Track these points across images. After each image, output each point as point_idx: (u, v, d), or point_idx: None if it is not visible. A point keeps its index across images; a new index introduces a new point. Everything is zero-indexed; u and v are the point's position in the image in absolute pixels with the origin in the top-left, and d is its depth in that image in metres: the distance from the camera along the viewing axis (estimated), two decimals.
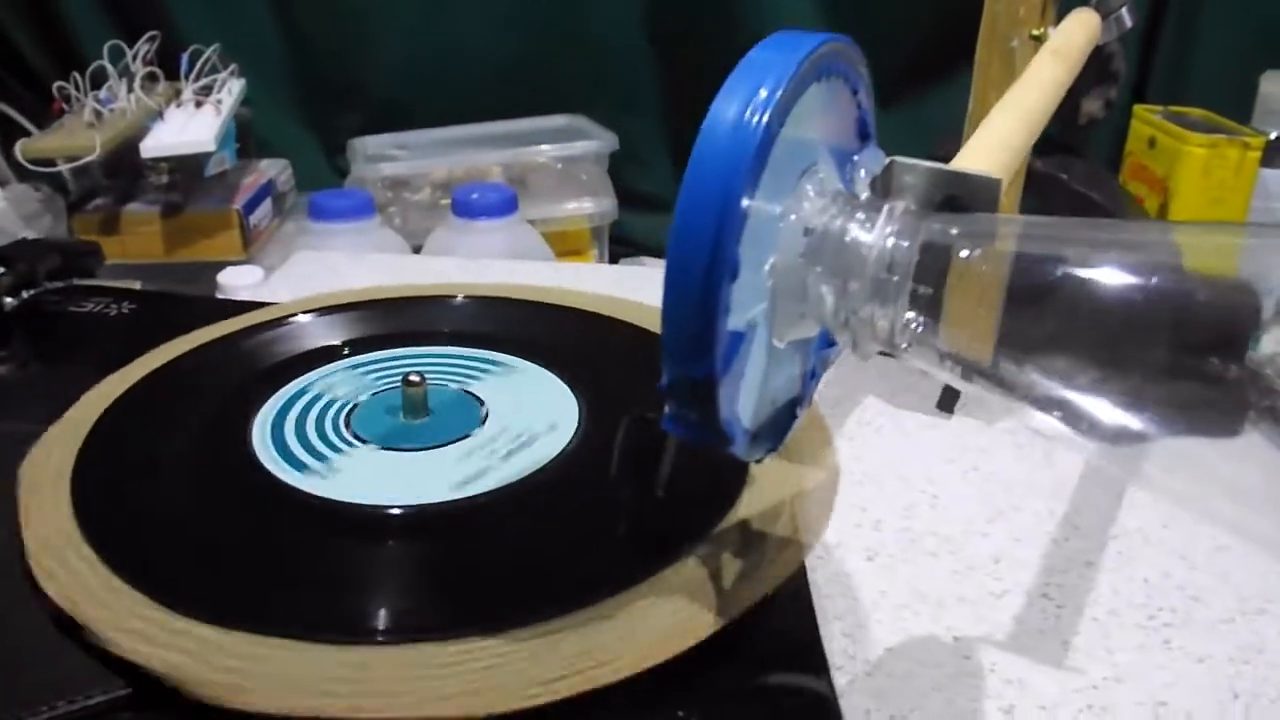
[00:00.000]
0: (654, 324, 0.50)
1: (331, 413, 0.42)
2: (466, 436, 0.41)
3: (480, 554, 0.35)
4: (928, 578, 0.42)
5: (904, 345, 0.24)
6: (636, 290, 0.60)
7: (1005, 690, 0.36)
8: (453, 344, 0.48)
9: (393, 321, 0.50)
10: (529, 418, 0.43)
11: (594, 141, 1.05)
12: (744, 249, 0.22)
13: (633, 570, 0.30)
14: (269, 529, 0.36)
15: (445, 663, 0.28)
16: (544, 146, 1.03)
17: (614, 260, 1.15)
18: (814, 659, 0.32)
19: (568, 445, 0.40)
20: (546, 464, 0.39)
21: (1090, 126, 0.59)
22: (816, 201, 0.24)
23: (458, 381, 0.46)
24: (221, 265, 0.84)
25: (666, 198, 1.28)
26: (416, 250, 0.97)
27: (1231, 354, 0.25)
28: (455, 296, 0.54)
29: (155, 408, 0.43)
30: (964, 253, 0.23)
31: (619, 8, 1.19)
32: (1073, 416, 0.23)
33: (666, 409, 0.25)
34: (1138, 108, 0.72)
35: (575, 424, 0.42)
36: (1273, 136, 0.66)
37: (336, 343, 0.48)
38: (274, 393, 0.43)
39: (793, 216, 0.24)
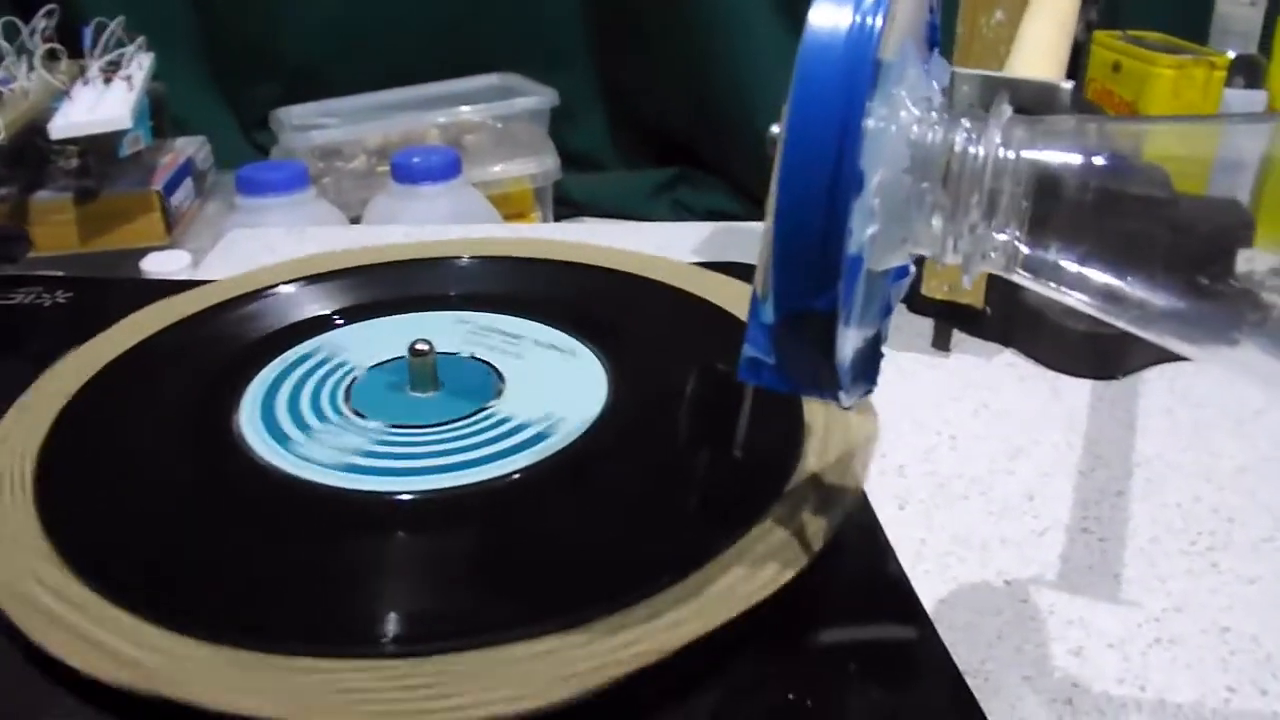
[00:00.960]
0: (673, 278, 0.47)
1: (328, 388, 0.39)
2: (484, 409, 0.37)
3: (537, 537, 0.32)
4: (964, 522, 0.41)
5: (1018, 265, 0.22)
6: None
7: (1069, 632, 0.35)
8: (459, 308, 0.44)
9: (389, 286, 0.46)
10: (553, 386, 0.39)
11: (534, 98, 1.02)
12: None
13: (714, 540, 0.27)
14: (268, 524, 0.33)
15: (526, 657, 0.25)
16: (483, 105, 0.99)
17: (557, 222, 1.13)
18: (908, 601, 0.30)
19: (602, 413, 0.36)
20: (581, 435, 0.36)
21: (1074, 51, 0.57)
22: (913, 111, 0.22)
23: (467, 349, 0.42)
24: (143, 252, 0.80)
25: (601, 155, 1.26)
26: (355, 221, 0.93)
27: None
28: (459, 257, 0.49)
29: (126, 392, 0.38)
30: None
31: None
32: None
33: (750, 356, 0.23)
34: (1098, 34, 0.71)
35: (605, 388, 0.38)
36: (1233, 56, 0.66)
37: (327, 312, 0.44)
38: (259, 371, 0.39)
39: (893, 128, 0.21)
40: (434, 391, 0.38)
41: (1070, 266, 0.21)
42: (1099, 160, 0.21)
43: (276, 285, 0.45)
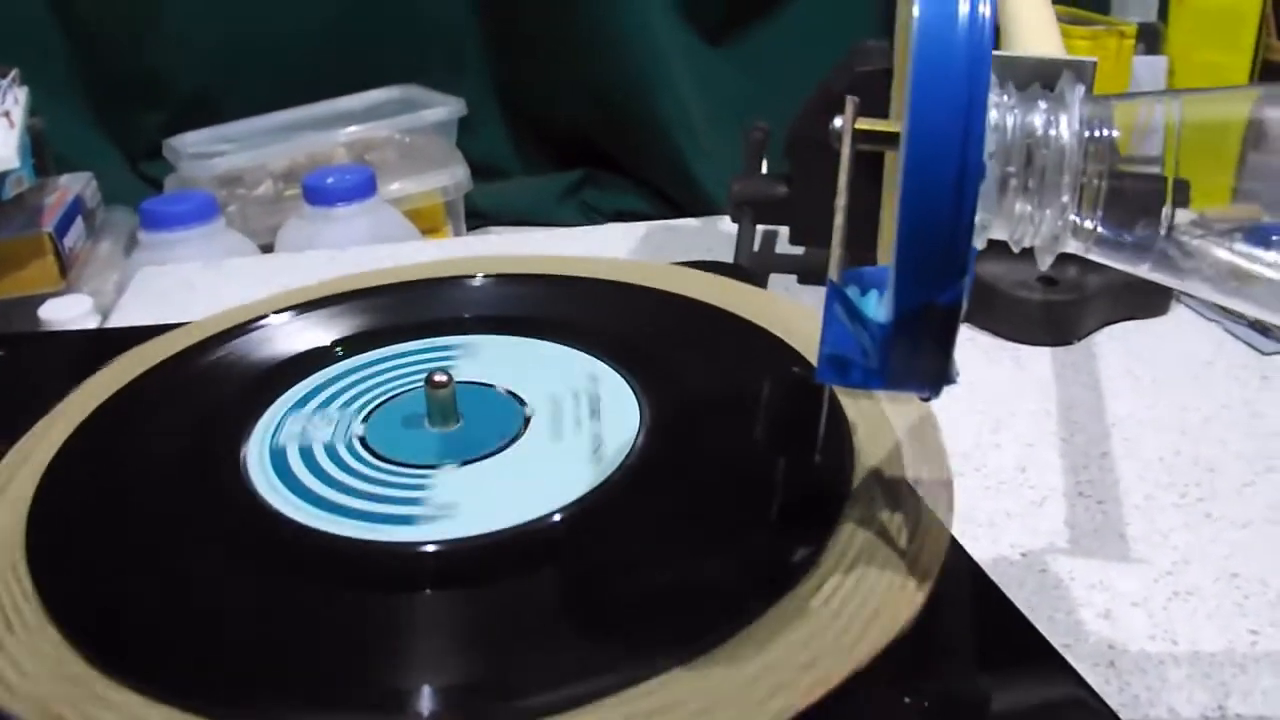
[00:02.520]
0: (679, 287, 0.46)
1: (342, 427, 0.36)
2: (517, 439, 0.35)
3: (624, 568, 0.29)
4: (965, 498, 0.41)
5: (1094, 243, 0.22)
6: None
7: (1093, 595, 0.36)
8: (462, 332, 0.41)
9: (381, 314, 0.43)
10: (580, 405, 0.36)
11: (442, 109, 1.00)
12: None
13: (800, 553, 0.26)
14: (285, 584, 0.29)
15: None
16: (390, 119, 0.97)
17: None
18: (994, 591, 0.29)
19: (640, 430, 0.34)
20: (630, 454, 0.33)
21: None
22: (992, 95, 0.22)
23: (477, 374, 0.39)
24: (38, 299, 0.76)
25: (503, 163, 1.24)
26: (266, 250, 0.90)
27: None
28: (469, 277, 0.46)
29: (112, 447, 0.36)
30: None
31: None
32: None
33: (833, 355, 0.23)
34: None
35: (635, 405, 0.36)
36: (1137, 23, 0.69)
37: (325, 343, 0.41)
38: (260, 417, 0.36)
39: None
40: (455, 425, 0.35)
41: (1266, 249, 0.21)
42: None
43: (300, 310, 0.43)
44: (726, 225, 0.74)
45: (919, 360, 0.21)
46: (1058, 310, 0.53)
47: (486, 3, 1.17)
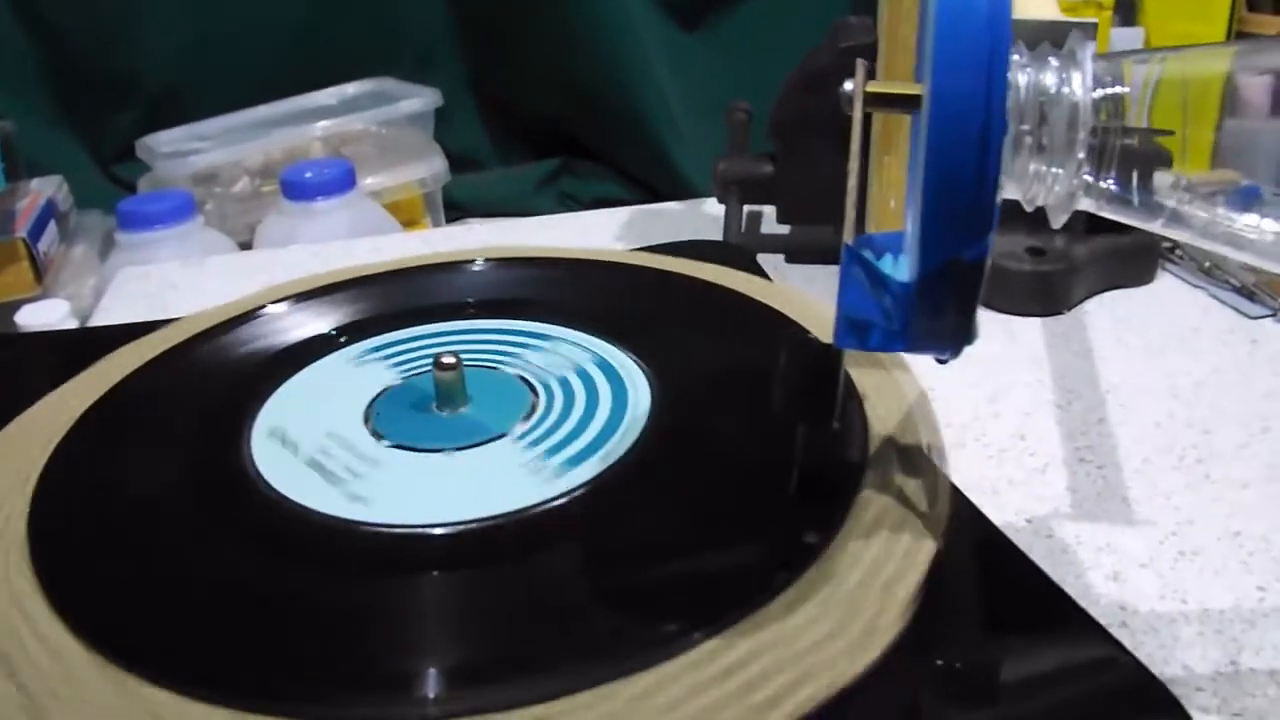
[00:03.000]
0: (673, 266, 0.46)
1: (350, 410, 0.36)
2: (527, 419, 0.34)
3: (650, 543, 0.29)
4: (969, 469, 0.41)
5: (1106, 200, 0.22)
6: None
7: (1101, 558, 0.36)
8: (467, 318, 0.41)
9: (388, 299, 0.43)
10: (589, 388, 0.36)
11: (418, 100, 0.99)
12: None
13: (828, 517, 0.26)
14: (296, 572, 0.29)
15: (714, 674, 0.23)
16: (366, 112, 0.96)
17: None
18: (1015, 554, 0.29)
19: (652, 407, 0.34)
20: (644, 434, 0.33)
21: None
22: None
23: (488, 361, 0.38)
24: (13, 305, 0.75)
25: (478, 154, 1.24)
26: (244, 247, 0.89)
27: None
28: (471, 262, 0.46)
29: (118, 432, 0.35)
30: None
31: None
32: None
33: (852, 319, 0.23)
34: None
35: (645, 383, 0.35)
36: None
37: (326, 330, 0.41)
38: (264, 402, 0.36)
39: None
40: (463, 408, 0.35)
41: (1243, 212, 0.22)
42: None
43: (304, 297, 0.42)
44: (710, 208, 0.74)
45: (943, 319, 0.21)
46: (1047, 281, 0.53)
47: None
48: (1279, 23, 0.74)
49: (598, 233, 0.70)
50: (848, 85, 0.22)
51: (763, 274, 0.46)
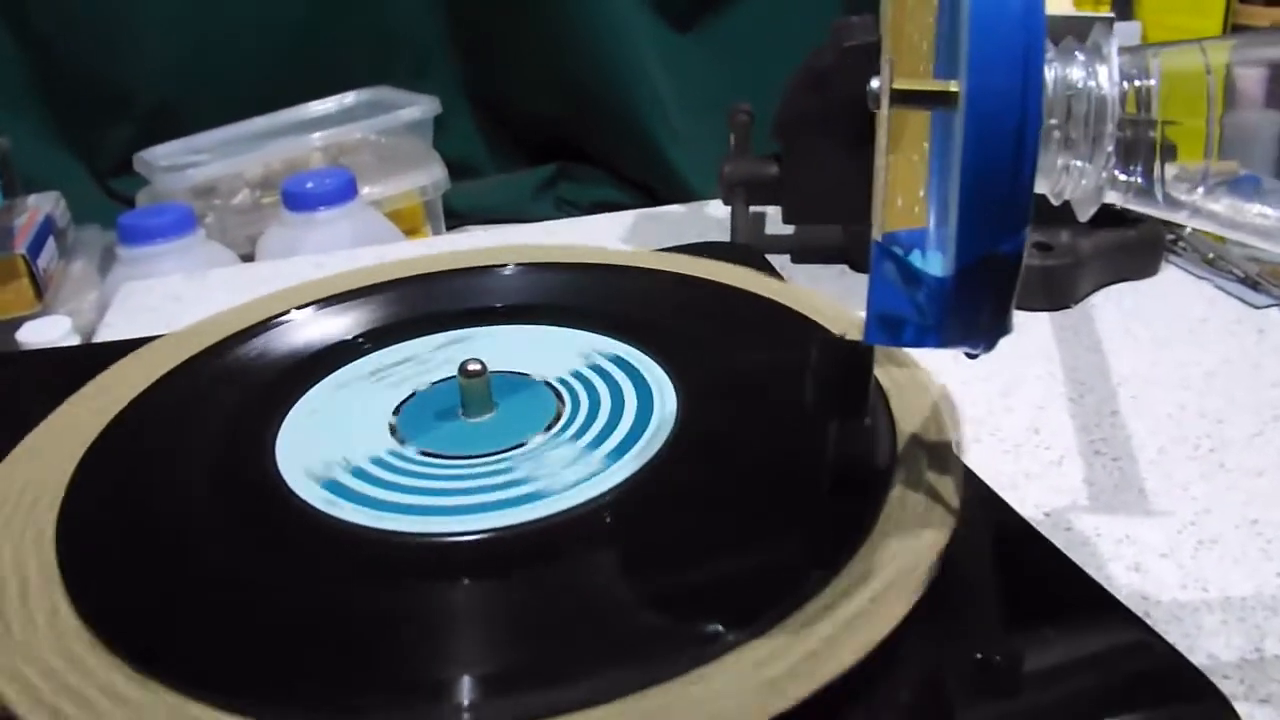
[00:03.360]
0: (690, 269, 0.46)
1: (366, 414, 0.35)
2: (553, 426, 0.34)
3: (685, 546, 0.28)
4: (985, 463, 0.41)
5: (1133, 194, 0.22)
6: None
7: (1121, 549, 0.36)
8: (495, 323, 0.41)
9: (413, 304, 0.43)
10: (614, 392, 0.36)
11: (416, 108, 0.99)
12: None
13: (861, 515, 0.26)
14: (320, 577, 0.29)
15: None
16: (365, 121, 0.96)
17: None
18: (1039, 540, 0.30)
19: (678, 410, 0.33)
20: (672, 436, 0.32)
21: None
22: None
23: (513, 366, 0.38)
24: (14, 323, 0.75)
25: (474, 162, 1.24)
26: (246, 259, 0.89)
27: None
28: (494, 267, 0.45)
29: (140, 444, 0.35)
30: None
31: None
32: None
33: (884, 315, 0.23)
34: None
35: (670, 386, 0.35)
36: None
37: (348, 337, 0.41)
38: (289, 410, 0.36)
39: None
40: (489, 414, 0.35)
41: (1193, 191, 0.22)
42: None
43: (347, 297, 0.42)
44: (713, 210, 0.74)
45: (979, 313, 0.21)
46: (1054, 275, 0.54)
47: (451, 3, 1.16)
48: (1273, 14, 0.74)
49: (602, 237, 0.70)
50: (874, 83, 0.22)
51: (777, 275, 0.46)
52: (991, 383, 0.47)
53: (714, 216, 0.73)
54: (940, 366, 0.48)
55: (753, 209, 0.62)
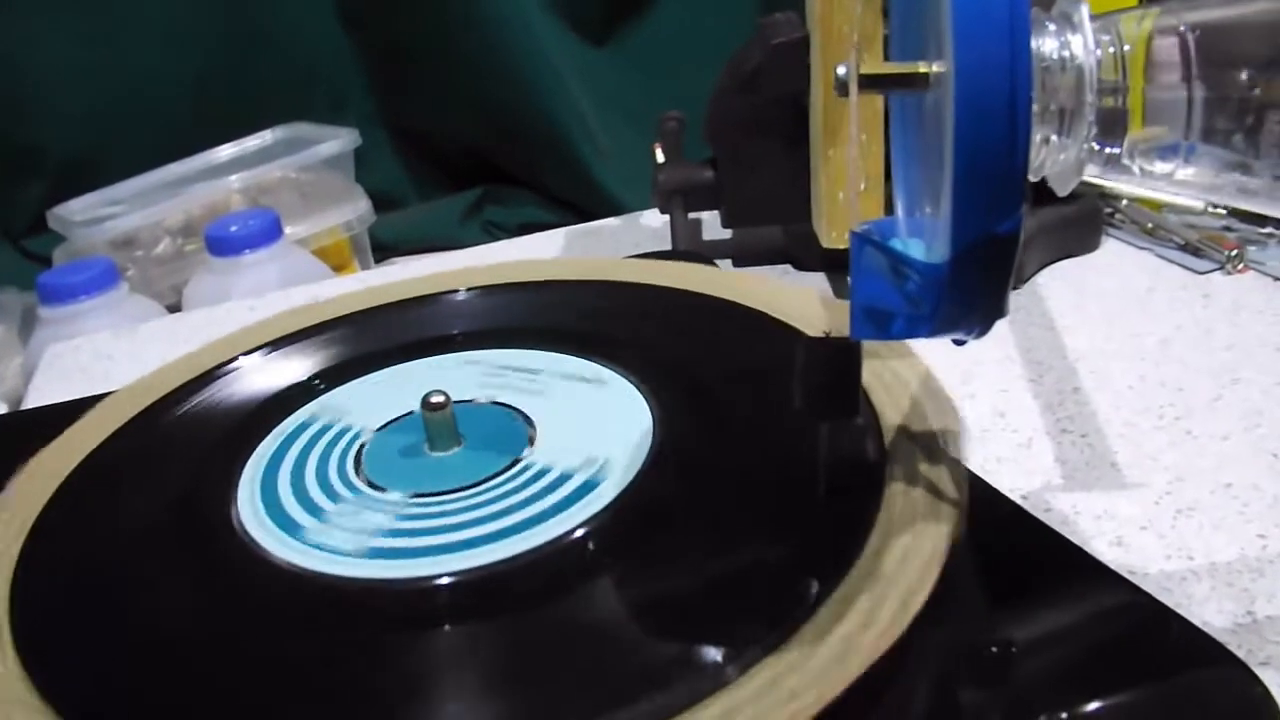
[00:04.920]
0: (645, 278, 0.45)
1: (334, 460, 0.34)
2: (518, 461, 0.32)
3: (683, 565, 0.27)
4: None
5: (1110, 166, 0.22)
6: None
7: (1102, 526, 0.36)
8: (463, 349, 0.39)
9: (371, 338, 0.41)
10: (588, 415, 0.35)
11: (335, 142, 0.98)
12: None
13: (860, 517, 0.25)
14: (287, 632, 0.28)
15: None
16: (285, 159, 0.94)
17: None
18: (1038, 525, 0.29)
19: (655, 442, 0.32)
20: (641, 471, 0.31)
21: None
22: None
23: (482, 394, 0.37)
24: None
25: (397, 192, 1.22)
26: (173, 310, 0.87)
27: None
28: (454, 292, 0.44)
29: (102, 496, 0.34)
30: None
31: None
32: None
33: (872, 309, 0.22)
34: None
35: (648, 414, 0.33)
36: None
37: (304, 378, 0.39)
38: (251, 452, 0.34)
39: None
40: (456, 448, 0.33)
41: (1168, 159, 0.21)
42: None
43: (248, 353, 0.40)
44: (648, 220, 0.73)
45: (976, 298, 0.21)
46: None
47: (362, 31, 1.14)
48: None
49: (539, 257, 0.69)
50: (840, 70, 0.21)
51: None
52: (951, 370, 0.46)
53: (650, 227, 0.72)
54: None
55: (690, 215, 0.62)
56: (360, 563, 0.29)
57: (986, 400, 0.44)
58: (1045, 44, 0.22)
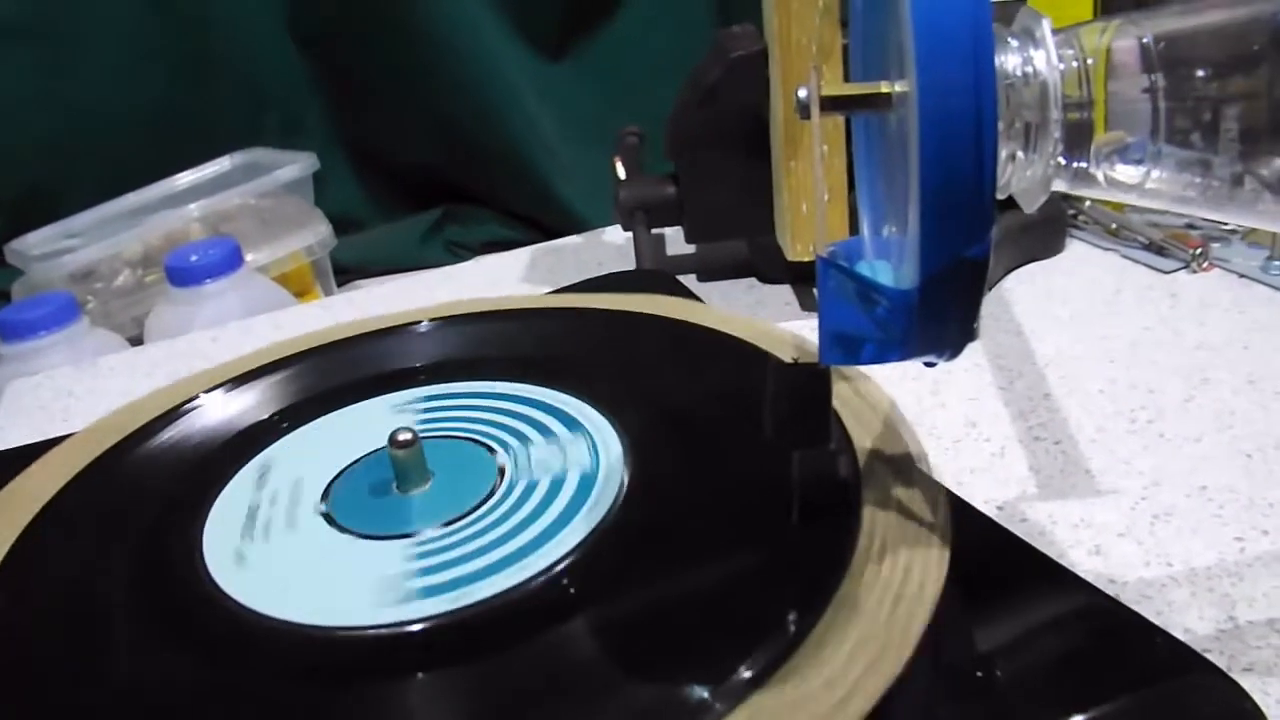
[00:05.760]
0: (606, 304, 0.44)
1: (303, 508, 0.32)
2: (492, 496, 0.31)
3: (658, 604, 0.26)
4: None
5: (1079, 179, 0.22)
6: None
7: (1079, 534, 0.36)
8: (416, 384, 0.39)
9: (334, 373, 0.40)
10: (552, 445, 0.34)
11: (294, 166, 0.97)
12: None
13: (838, 547, 0.25)
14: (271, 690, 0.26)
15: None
16: (243, 186, 0.93)
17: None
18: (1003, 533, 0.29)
19: (625, 456, 0.31)
20: (622, 486, 0.30)
21: None
22: None
23: (449, 430, 0.36)
24: None
25: (360, 216, 1.21)
26: (135, 342, 0.86)
27: None
28: (415, 324, 0.42)
29: (54, 556, 0.32)
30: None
31: (258, 19, 1.10)
32: None
33: (841, 334, 0.22)
34: None
35: (612, 430, 0.33)
36: None
37: (265, 416, 0.37)
38: (211, 507, 0.33)
39: None
40: (423, 487, 0.32)
41: (1136, 167, 0.21)
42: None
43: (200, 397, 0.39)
44: (610, 237, 0.73)
45: (947, 323, 0.20)
46: None
47: (317, 54, 1.14)
48: None
49: (504, 277, 0.69)
50: (801, 92, 0.21)
51: (695, 298, 0.45)
52: (920, 380, 0.47)
53: (613, 243, 0.72)
54: (866, 368, 0.48)
55: (653, 231, 0.61)
56: (418, 604, 0.28)
57: (958, 410, 0.44)
58: (1008, 60, 0.21)
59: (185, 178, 1.03)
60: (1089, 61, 0.21)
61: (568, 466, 0.32)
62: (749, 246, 0.60)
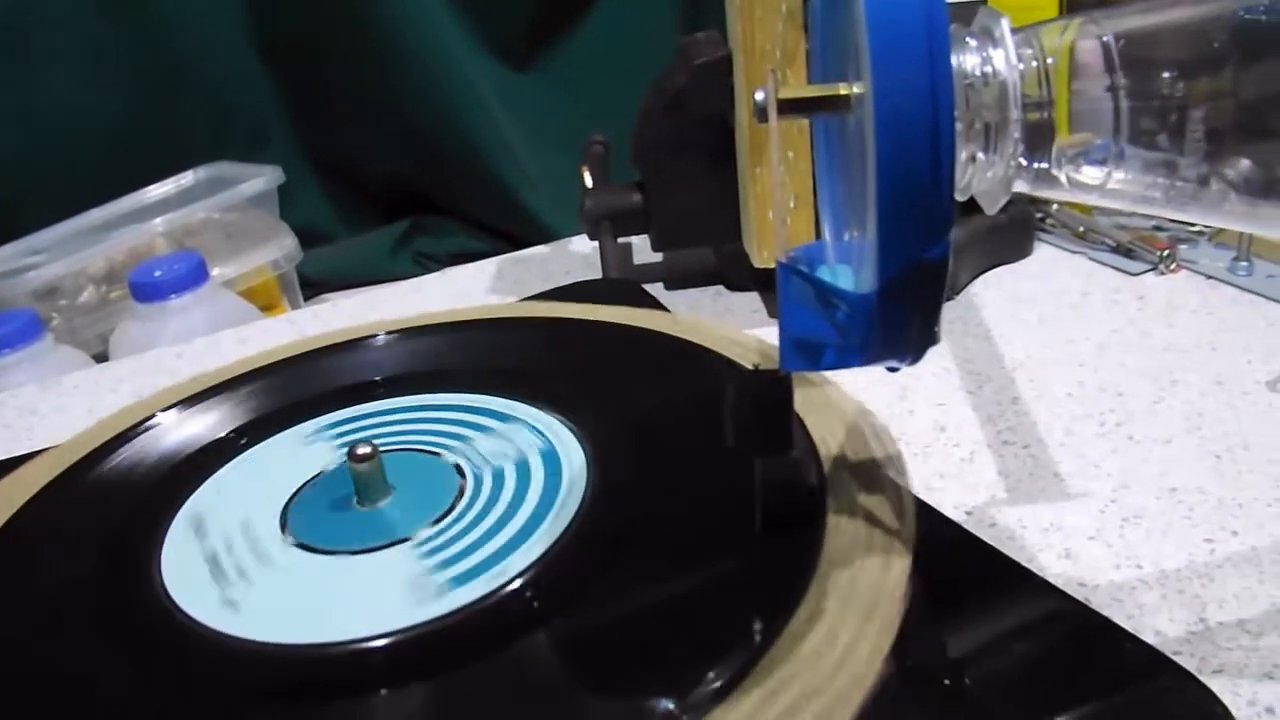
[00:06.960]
0: (568, 314, 0.44)
1: (261, 529, 0.32)
2: (454, 508, 0.31)
3: (630, 613, 0.26)
4: None
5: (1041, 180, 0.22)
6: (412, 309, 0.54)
7: (1049, 538, 0.36)
8: (375, 398, 0.38)
9: (290, 390, 0.39)
10: (491, 437, 0.34)
11: (259, 180, 0.96)
12: None
13: (802, 556, 0.25)
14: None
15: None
16: (207, 200, 0.92)
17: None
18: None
19: (588, 468, 0.31)
20: (585, 496, 0.30)
21: None
22: None
23: (406, 443, 0.35)
24: None
25: (326, 229, 1.21)
26: (100, 359, 0.84)
27: None
28: (369, 338, 0.42)
29: (13, 576, 0.32)
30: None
31: (221, 32, 1.09)
32: None
33: (801, 340, 0.22)
34: None
35: (576, 443, 0.33)
36: None
37: (223, 434, 0.37)
38: (168, 526, 0.32)
39: None
40: (384, 501, 0.32)
41: (1099, 168, 0.21)
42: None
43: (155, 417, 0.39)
44: (577, 246, 0.72)
45: (907, 327, 0.20)
46: None
47: (282, 67, 1.13)
48: None
49: (471, 288, 0.68)
50: (759, 95, 0.21)
51: (661, 307, 0.45)
52: (889, 386, 0.46)
53: (580, 253, 0.72)
54: (834, 374, 0.48)
55: (620, 239, 0.61)
56: (456, 594, 0.28)
57: (926, 415, 0.44)
58: (967, 60, 0.21)
59: (150, 192, 1.02)
60: (1049, 61, 0.21)
61: (524, 450, 0.32)
62: (716, 254, 0.60)
